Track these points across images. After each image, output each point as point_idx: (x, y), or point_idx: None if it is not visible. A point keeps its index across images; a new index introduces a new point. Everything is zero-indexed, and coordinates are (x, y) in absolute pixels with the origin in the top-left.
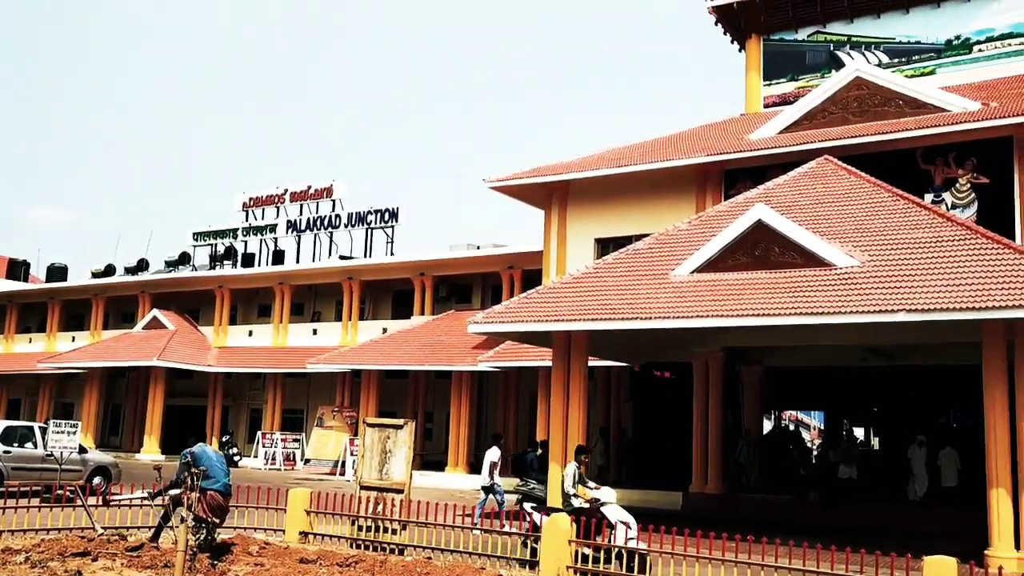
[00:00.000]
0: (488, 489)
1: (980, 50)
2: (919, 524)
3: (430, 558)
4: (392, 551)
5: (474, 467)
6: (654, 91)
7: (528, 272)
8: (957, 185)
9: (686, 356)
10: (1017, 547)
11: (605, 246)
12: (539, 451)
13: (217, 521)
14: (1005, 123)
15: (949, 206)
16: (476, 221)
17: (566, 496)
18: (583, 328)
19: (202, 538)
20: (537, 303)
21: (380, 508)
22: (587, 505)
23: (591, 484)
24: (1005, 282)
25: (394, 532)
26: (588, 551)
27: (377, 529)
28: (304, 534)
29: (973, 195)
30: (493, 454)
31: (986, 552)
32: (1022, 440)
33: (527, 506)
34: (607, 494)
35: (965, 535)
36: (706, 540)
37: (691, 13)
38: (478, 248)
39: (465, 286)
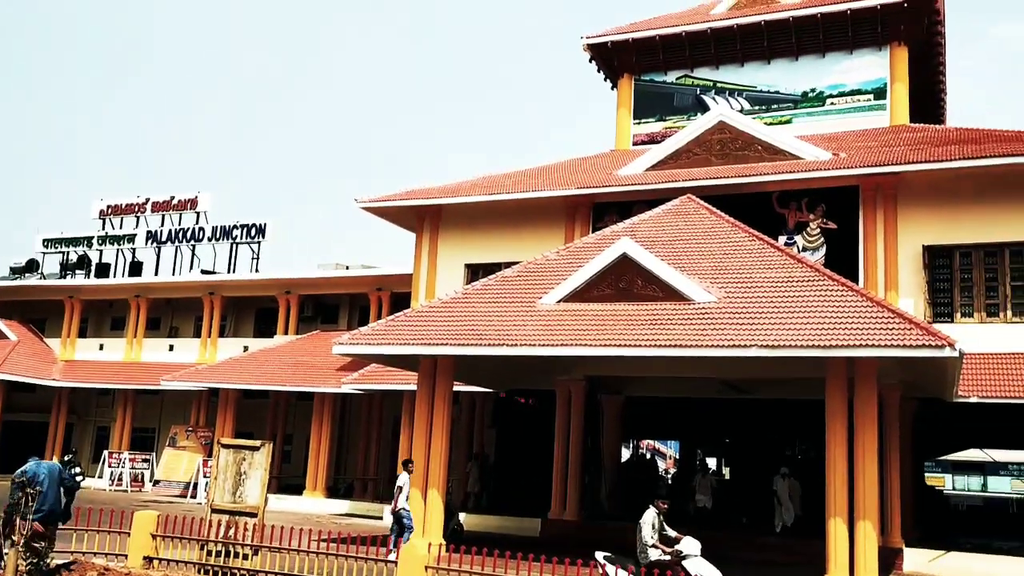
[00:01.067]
0: (397, 517)
1: (832, 103)
2: (764, 552)
3: None
4: None
5: (332, 491)
6: (530, 121)
7: (397, 295)
8: (808, 229)
9: (550, 384)
10: (851, 573)
11: (475, 272)
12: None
13: (44, 544)
14: (853, 173)
15: (800, 248)
16: (347, 242)
17: (643, 546)
18: (450, 353)
19: (34, 563)
20: (404, 326)
21: (232, 532)
22: (667, 558)
23: (671, 533)
24: (848, 323)
25: (245, 557)
26: None
27: (228, 554)
28: (148, 559)
29: (822, 239)
30: (403, 480)
31: None
32: (858, 472)
33: (600, 555)
34: (690, 545)
35: (806, 563)
36: (561, 566)
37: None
38: (347, 268)
39: (332, 306)
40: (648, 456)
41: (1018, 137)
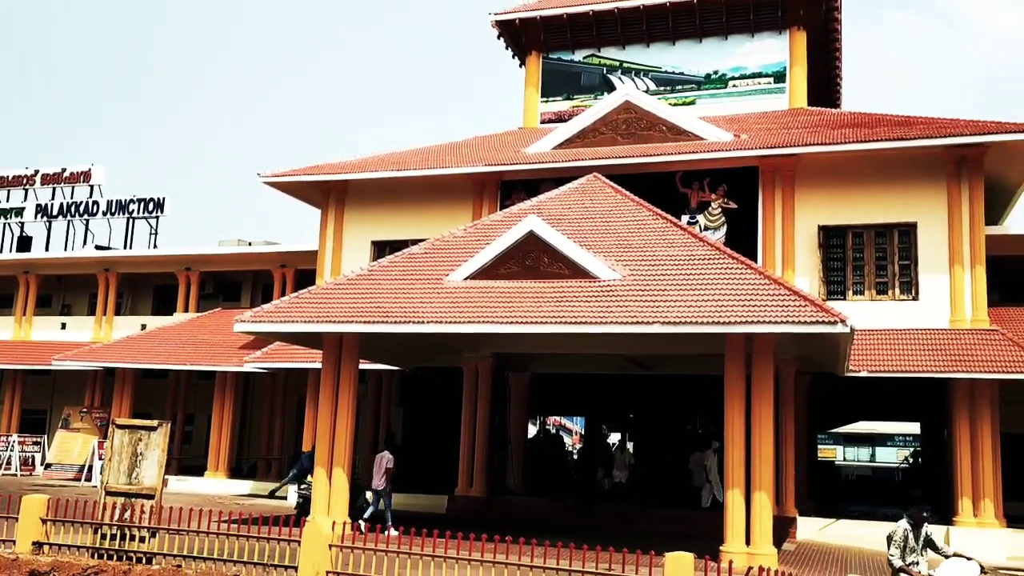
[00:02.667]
0: (377, 494)
1: (734, 85)
2: (671, 525)
3: (180, 566)
4: (139, 560)
5: (235, 472)
6: (438, 98)
7: (302, 272)
8: (710, 208)
9: (457, 361)
10: (748, 543)
11: (381, 249)
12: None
13: None
14: (753, 154)
15: (702, 227)
16: (251, 219)
17: (893, 570)
18: (355, 330)
19: None
20: (309, 303)
21: (128, 515)
22: None
23: (946, 548)
24: (746, 300)
25: (142, 540)
26: None
27: (123, 537)
28: (38, 544)
29: (723, 219)
30: (386, 458)
31: (721, 548)
32: (755, 445)
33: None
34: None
35: (709, 534)
36: (466, 542)
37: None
38: (249, 244)
39: (234, 284)
40: (554, 432)
41: (908, 122)
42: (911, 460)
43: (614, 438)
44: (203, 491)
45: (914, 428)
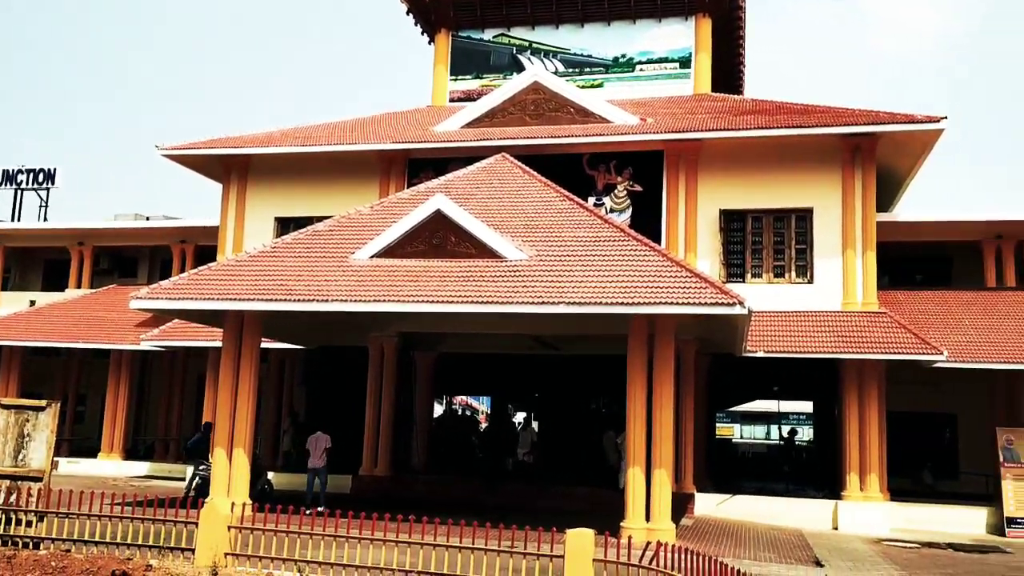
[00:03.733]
0: (314, 472)
1: (642, 69)
2: (577, 502)
3: (69, 550)
4: (25, 545)
5: (131, 453)
6: (346, 73)
7: (203, 248)
8: (616, 191)
9: (362, 340)
10: (648, 519)
11: (285, 225)
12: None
13: None
14: (658, 138)
15: (608, 209)
16: (151, 193)
17: None
18: (257, 308)
19: None
20: (209, 280)
21: (13, 498)
22: None
23: None
24: (650, 282)
25: (29, 524)
26: None
27: (9, 522)
28: None
29: (629, 201)
30: (323, 438)
31: (622, 524)
32: (656, 424)
33: None
34: None
35: (614, 511)
36: (369, 521)
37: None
38: (147, 219)
39: (130, 259)
40: (460, 411)
41: (806, 110)
42: (787, 437)
43: (520, 417)
44: (97, 473)
45: (808, 407)
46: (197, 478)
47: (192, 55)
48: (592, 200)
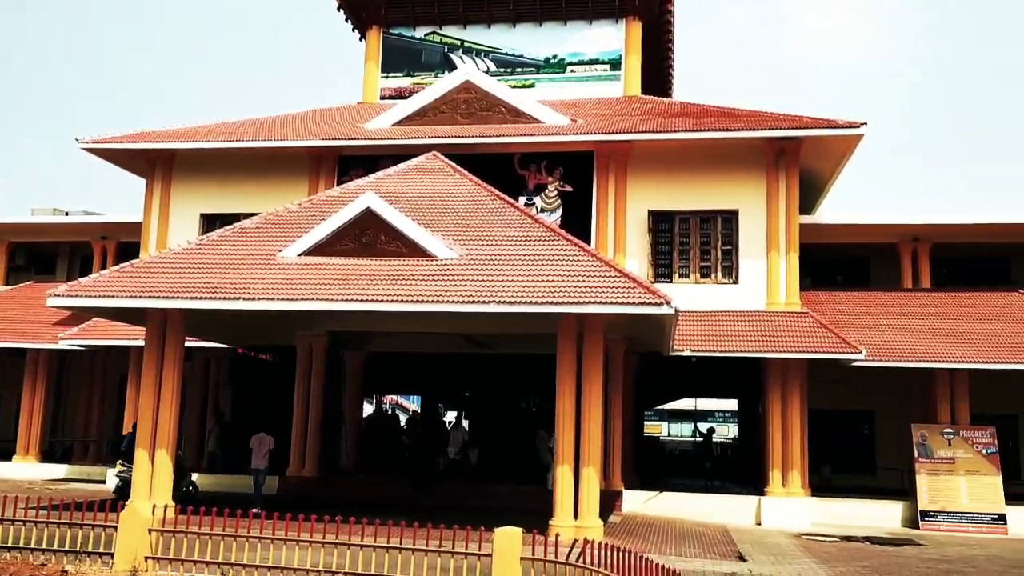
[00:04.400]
0: (258, 472)
1: (573, 71)
2: (508, 501)
3: None
4: None
5: (48, 455)
6: (277, 70)
7: (125, 245)
8: (547, 191)
9: (290, 339)
10: (576, 517)
11: (211, 222)
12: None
13: None
14: (589, 139)
15: (539, 209)
16: (72, 188)
17: None
18: (181, 306)
19: None
20: (131, 278)
21: None
22: None
23: None
24: (579, 281)
25: None
26: None
27: None
28: None
29: (560, 201)
30: (267, 439)
31: (550, 522)
32: (584, 422)
33: None
34: None
35: (544, 510)
36: (295, 523)
37: None
38: (66, 214)
39: (48, 256)
40: (390, 411)
41: (733, 114)
42: (704, 435)
43: (451, 416)
44: (11, 476)
45: (733, 405)
46: (118, 480)
47: (117, 49)
48: (523, 200)
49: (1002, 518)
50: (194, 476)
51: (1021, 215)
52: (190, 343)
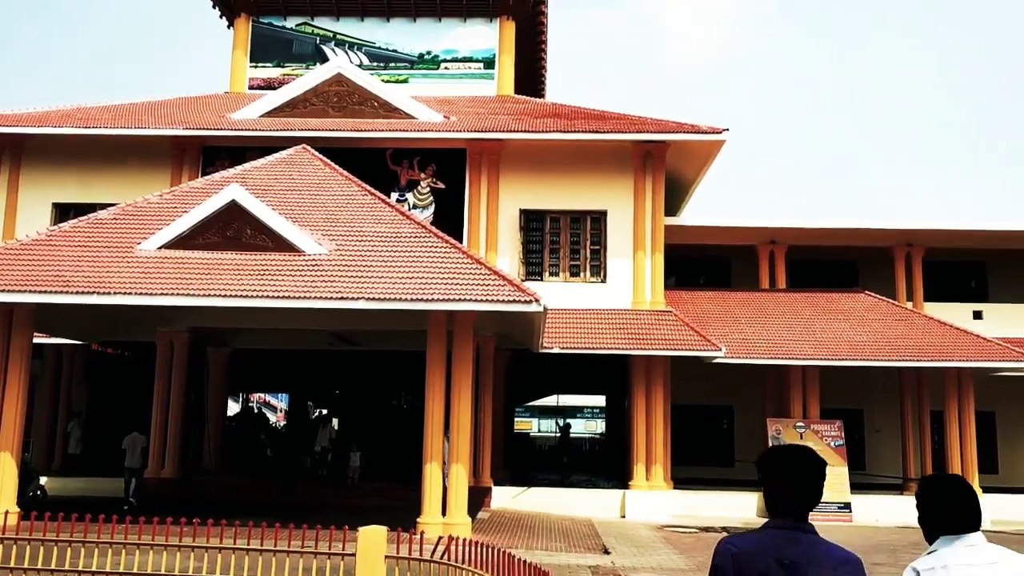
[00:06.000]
0: (132, 471)
1: (446, 68)
2: (377, 499)
3: None
4: None
5: None
6: (140, 58)
7: None
8: (419, 187)
9: (150, 335)
10: (444, 514)
11: (65, 212)
12: None
13: None
14: (461, 136)
15: (411, 205)
16: None
17: None
18: (29, 300)
19: None
20: None
21: None
22: None
23: None
24: (449, 278)
25: None
26: None
27: None
28: None
29: (432, 198)
30: (140, 439)
31: (418, 520)
32: (454, 419)
33: None
34: None
35: (413, 508)
36: (149, 525)
37: None
38: None
39: None
40: (257, 409)
41: (602, 116)
42: (562, 430)
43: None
44: None
45: (601, 401)
46: None
47: None
48: (395, 195)
49: (847, 507)
50: (43, 480)
51: (865, 221)
52: (40, 339)
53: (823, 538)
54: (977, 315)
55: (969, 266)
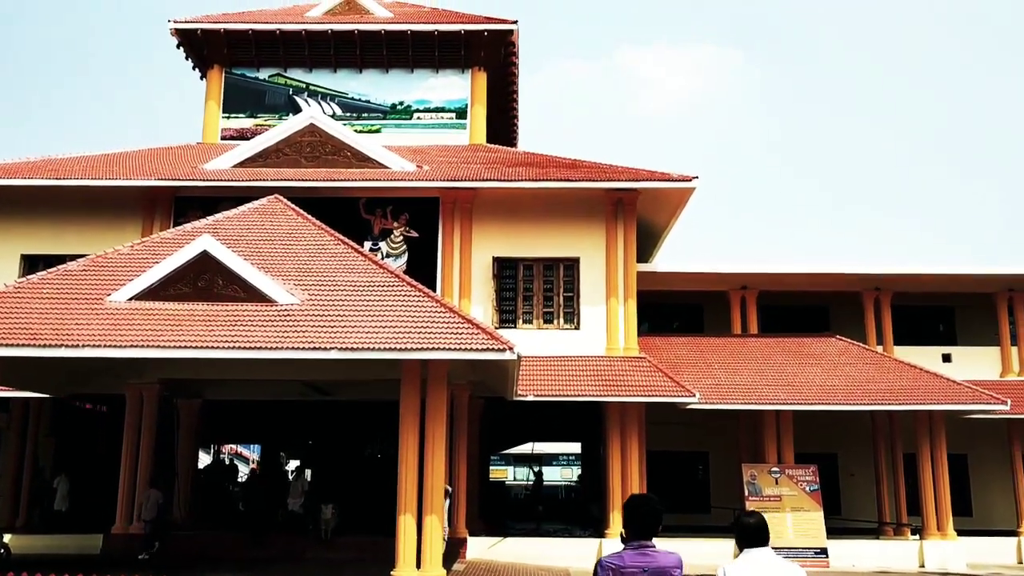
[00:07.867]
0: (147, 523)
1: (419, 118)
2: (349, 552)
3: None
4: None
5: None
6: (113, 109)
7: None
8: (392, 236)
9: (119, 387)
10: (418, 566)
11: (34, 264)
12: None
13: None
14: (434, 185)
15: (384, 255)
16: None
17: None
18: None
19: None
20: None
21: None
22: None
23: None
24: (423, 327)
25: None
26: None
27: None
28: None
29: (405, 246)
30: (155, 493)
31: (391, 573)
32: (427, 469)
33: None
34: None
35: (386, 560)
36: None
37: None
38: None
39: None
40: (228, 461)
41: (575, 165)
42: (535, 478)
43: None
44: None
45: (576, 448)
46: None
47: None
48: (368, 245)
49: (824, 551)
50: (7, 537)
51: (834, 265)
52: (6, 392)
53: (660, 550)
54: (946, 358)
55: (937, 310)
